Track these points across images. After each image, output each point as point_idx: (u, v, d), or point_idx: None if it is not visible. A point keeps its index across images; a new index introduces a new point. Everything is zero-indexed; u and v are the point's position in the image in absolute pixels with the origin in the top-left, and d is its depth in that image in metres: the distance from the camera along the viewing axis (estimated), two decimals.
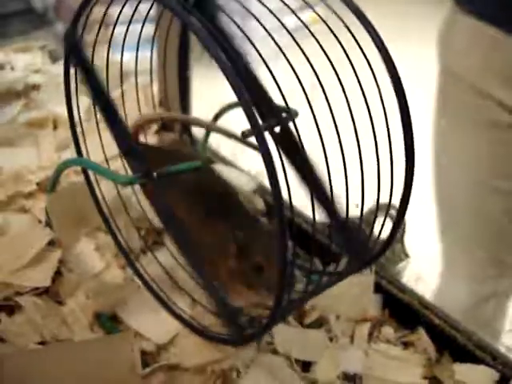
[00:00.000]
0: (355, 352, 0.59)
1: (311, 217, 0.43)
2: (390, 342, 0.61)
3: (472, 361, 0.59)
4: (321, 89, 0.41)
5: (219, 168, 0.71)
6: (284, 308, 0.43)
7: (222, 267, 0.50)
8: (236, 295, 0.49)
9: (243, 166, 0.79)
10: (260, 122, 0.37)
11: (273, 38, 0.41)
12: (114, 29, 0.50)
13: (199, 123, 0.64)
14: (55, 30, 1.92)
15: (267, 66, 0.41)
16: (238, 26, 0.41)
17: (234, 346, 0.53)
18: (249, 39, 0.41)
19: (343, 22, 0.43)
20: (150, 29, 0.55)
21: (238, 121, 0.49)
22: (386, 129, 0.44)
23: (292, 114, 0.50)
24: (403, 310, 0.64)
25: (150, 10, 0.49)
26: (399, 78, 0.43)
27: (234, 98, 0.37)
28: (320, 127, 0.41)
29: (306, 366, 0.57)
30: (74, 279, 0.60)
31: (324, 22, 0.45)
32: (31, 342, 0.54)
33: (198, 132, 0.86)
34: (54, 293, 0.60)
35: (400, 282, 0.66)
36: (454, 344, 0.60)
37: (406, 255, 0.71)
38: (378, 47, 0.42)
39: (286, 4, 0.44)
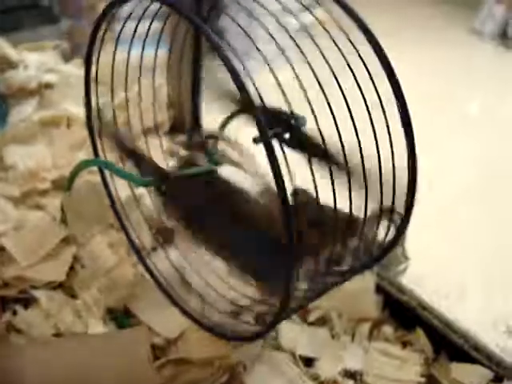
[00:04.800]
0: (356, 350, 0.61)
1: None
2: (389, 341, 0.64)
3: (468, 361, 0.61)
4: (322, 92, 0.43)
5: (226, 171, 0.73)
6: (290, 307, 0.45)
7: None
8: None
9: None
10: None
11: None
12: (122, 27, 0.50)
13: None
14: (61, 25, 1.93)
15: (273, 72, 0.41)
16: (242, 28, 0.42)
17: (242, 342, 0.55)
18: (253, 42, 0.42)
19: (343, 30, 0.44)
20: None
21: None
22: (386, 131, 0.45)
23: (300, 121, 0.52)
24: (403, 311, 0.66)
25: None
26: (398, 82, 0.45)
27: None
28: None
29: (308, 361, 0.60)
30: (88, 274, 0.62)
31: (322, 26, 0.46)
32: (46, 334, 0.56)
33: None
34: (67, 287, 0.62)
35: (400, 284, 0.69)
36: (450, 344, 0.63)
37: (407, 258, 0.73)
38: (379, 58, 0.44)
39: (285, 7, 0.45)
